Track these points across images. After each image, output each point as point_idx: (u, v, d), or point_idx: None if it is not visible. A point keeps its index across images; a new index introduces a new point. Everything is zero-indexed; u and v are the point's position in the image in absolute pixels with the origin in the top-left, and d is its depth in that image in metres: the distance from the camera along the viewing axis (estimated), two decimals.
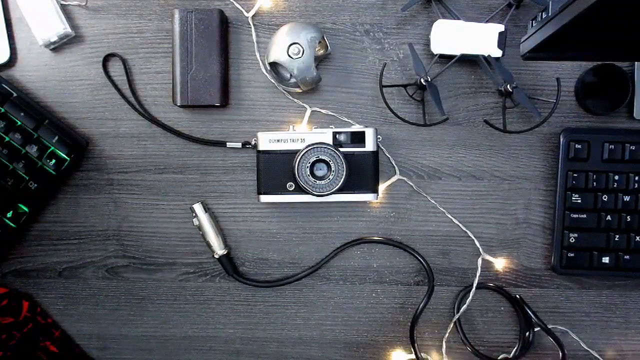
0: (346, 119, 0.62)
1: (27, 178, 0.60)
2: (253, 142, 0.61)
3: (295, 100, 0.62)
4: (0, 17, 0.61)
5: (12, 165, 0.59)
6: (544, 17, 0.42)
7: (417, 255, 0.62)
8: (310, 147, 0.56)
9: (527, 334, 0.62)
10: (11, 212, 0.60)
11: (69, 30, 0.61)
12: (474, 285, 0.61)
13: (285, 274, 0.63)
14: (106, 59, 0.62)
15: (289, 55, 0.58)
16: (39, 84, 0.63)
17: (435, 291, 0.62)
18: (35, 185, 0.60)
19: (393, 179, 0.62)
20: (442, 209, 0.62)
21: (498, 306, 0.63)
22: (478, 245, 0.62)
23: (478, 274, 0.62)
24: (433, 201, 0.62)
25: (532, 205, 0.63)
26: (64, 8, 0.62)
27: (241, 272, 0.63)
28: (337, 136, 0.58)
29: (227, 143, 0.62)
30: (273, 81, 0.62)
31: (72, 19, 0.62)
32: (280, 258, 0.63)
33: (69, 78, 0.63)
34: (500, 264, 0.62)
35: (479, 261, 0.62)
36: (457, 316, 0.62)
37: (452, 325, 0.62)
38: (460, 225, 0.62)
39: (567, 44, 0.43)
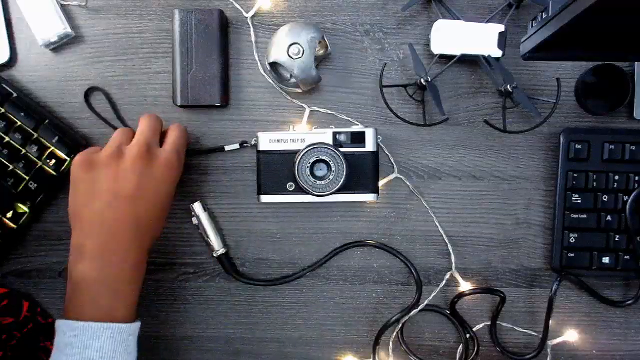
0: (346, 118, 0.62)
1: (27, 178, 0.60)
2: (252, 142, 0.61)
3: (295, 100, 0.62)
4: (0, 17, 0.61)
5: (12, 165, 0.60)
6: (544, 17, 0.42)
7: (402, 259, 0.62)
8: (310, 147, 0.56)
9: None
10: (11, 212, 0.60)
11: (69, 30, 0.61)
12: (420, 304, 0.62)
13: (285, 274, 0.63)
14: (87, 93, 0.62)
15: (289, 55, 0.58)
16: (39, 84, 0.63)
17: (433, 291, 0.63)
18: (35, 185, 0.60)
19: (391, 177, 0.62)
20: (431, 213, 0.62)
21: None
22: (453, 260, 0.62)
23: (437, 289, 0.62)
24: (426, 204, 0.62)
25: (532, 205, 0.63)
26: (64, 8, 0.62)
27: (241, 272, 0.63)
28: (337, 136, 0.58)
29: (225, 147, 0.62)
30: (272, 81, 0.62)
31: (72, 19, 0.62)
32: (280, 258, 0.63)
33: (69, 78, 0.63)
34: (465, 286, 0.62)
35: (447, 275, 0.62)
36: (396, 331, 0.62)
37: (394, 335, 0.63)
38: (442, 232, 0.62)
39: (567, 44, 0.43)
